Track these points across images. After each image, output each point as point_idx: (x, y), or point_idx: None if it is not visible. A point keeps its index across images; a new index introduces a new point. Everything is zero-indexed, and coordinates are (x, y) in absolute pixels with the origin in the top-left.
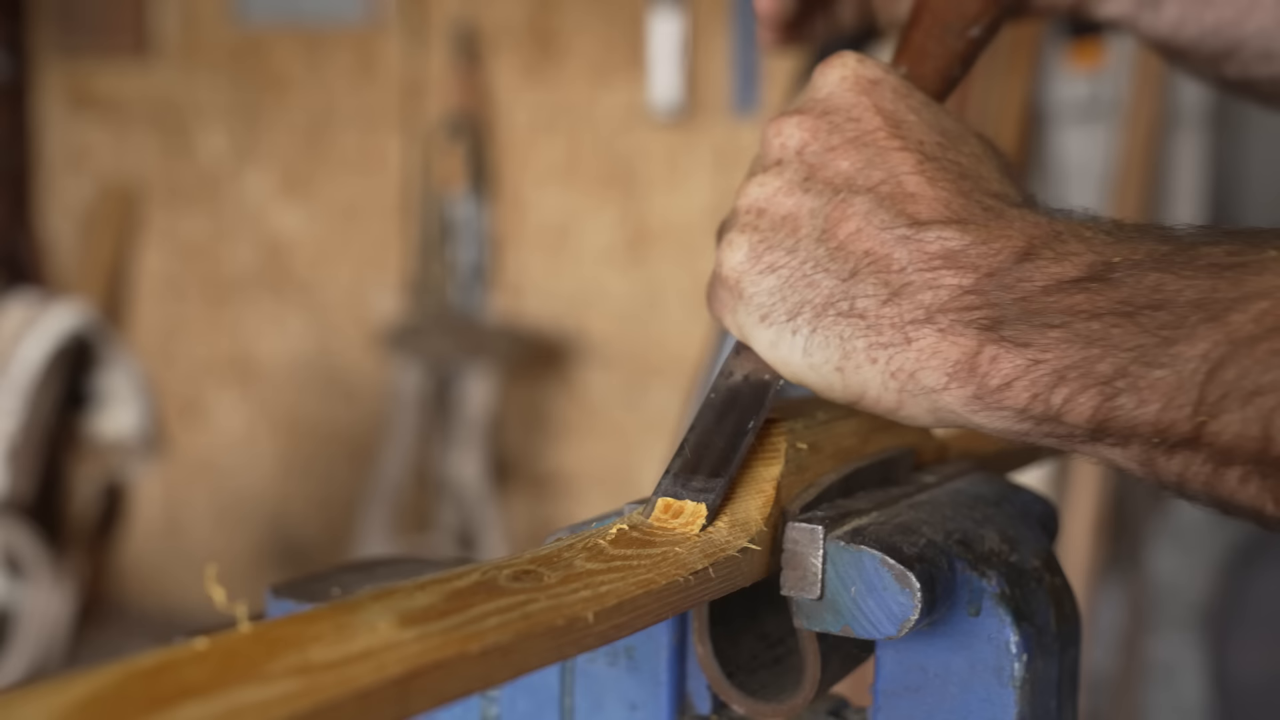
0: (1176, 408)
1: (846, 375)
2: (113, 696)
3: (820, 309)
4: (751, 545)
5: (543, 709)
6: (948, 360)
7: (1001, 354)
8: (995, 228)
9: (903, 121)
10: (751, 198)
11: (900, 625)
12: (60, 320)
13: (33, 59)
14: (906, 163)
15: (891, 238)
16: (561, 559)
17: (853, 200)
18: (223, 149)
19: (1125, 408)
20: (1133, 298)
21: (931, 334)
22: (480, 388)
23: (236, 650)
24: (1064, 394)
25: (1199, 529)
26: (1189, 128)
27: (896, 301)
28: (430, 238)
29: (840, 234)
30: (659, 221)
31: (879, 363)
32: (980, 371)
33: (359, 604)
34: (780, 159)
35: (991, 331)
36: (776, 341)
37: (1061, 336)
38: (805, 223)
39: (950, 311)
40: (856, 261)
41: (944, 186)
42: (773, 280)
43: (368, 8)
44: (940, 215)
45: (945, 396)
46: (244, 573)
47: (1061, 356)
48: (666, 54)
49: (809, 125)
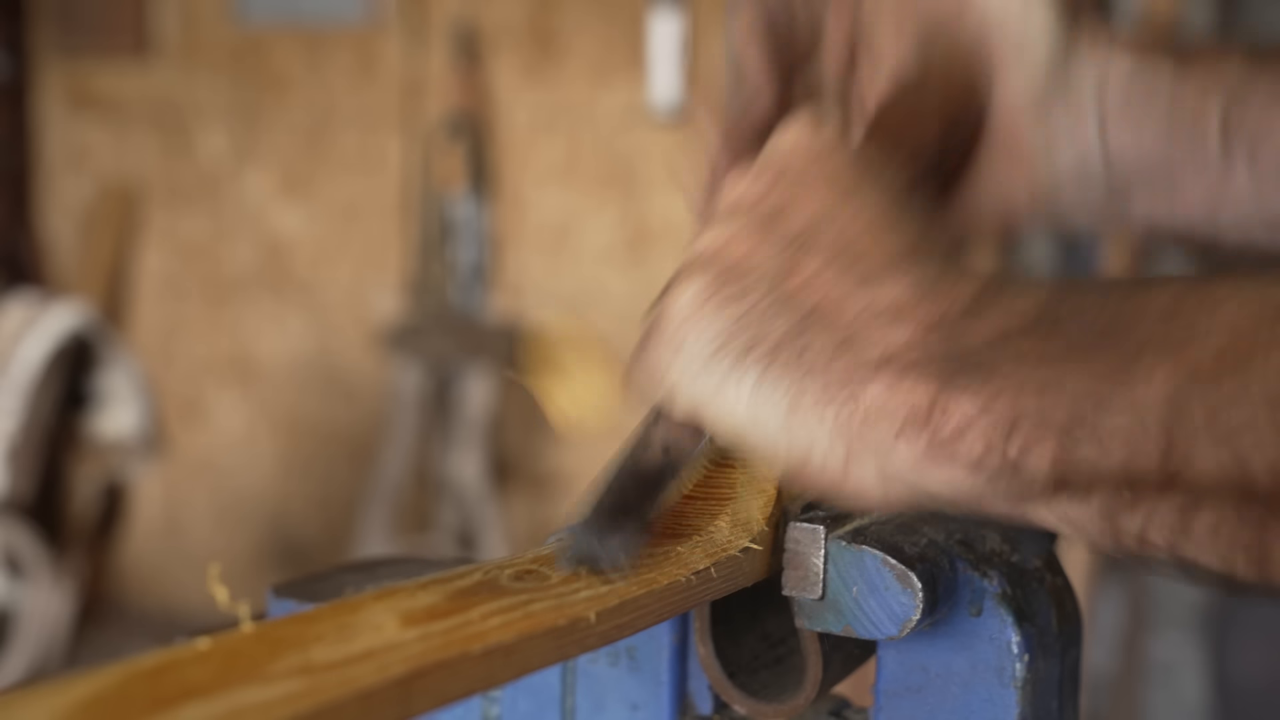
0: (1143, 453)
1: (793, 429)
2: (115, 697)
3: (771, 353)
4: (753, 545)
5: (544, 709)
6: (896, 415)
7: (952, 405)
8: (943, 283)
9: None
10: (705, 242)
11: (902, 625)
12: (60, 320)
13: (33, 59)
14: (864, 214)
15: (840, 293)
16: None
17: (804, 257)
18: (223, 149)
19: (1087, 457)
20: (1081, 341)
21: (880, 388)
22: (480, 388)
23: (239, 650)
24: (1019, 443)
25: None
26: None
27: (845, 354)
28: (430, 238)
29: (791, 285)
30: (659, 221)
31: (826, 421)
32: (932, 423)
33: (361, 604)
34: (734, 210)
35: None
36: (723, 383)
37: (1012, 384)
38: (761, 265)
39: (898, 363)
40: (808, 311)
41: (898, 241)
42: (722, 321)
43: (368, 8)
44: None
45: (896, 454)
46: (244, 573)
47: (1014, 403)
48: (666, 54)
49: (765, 181)
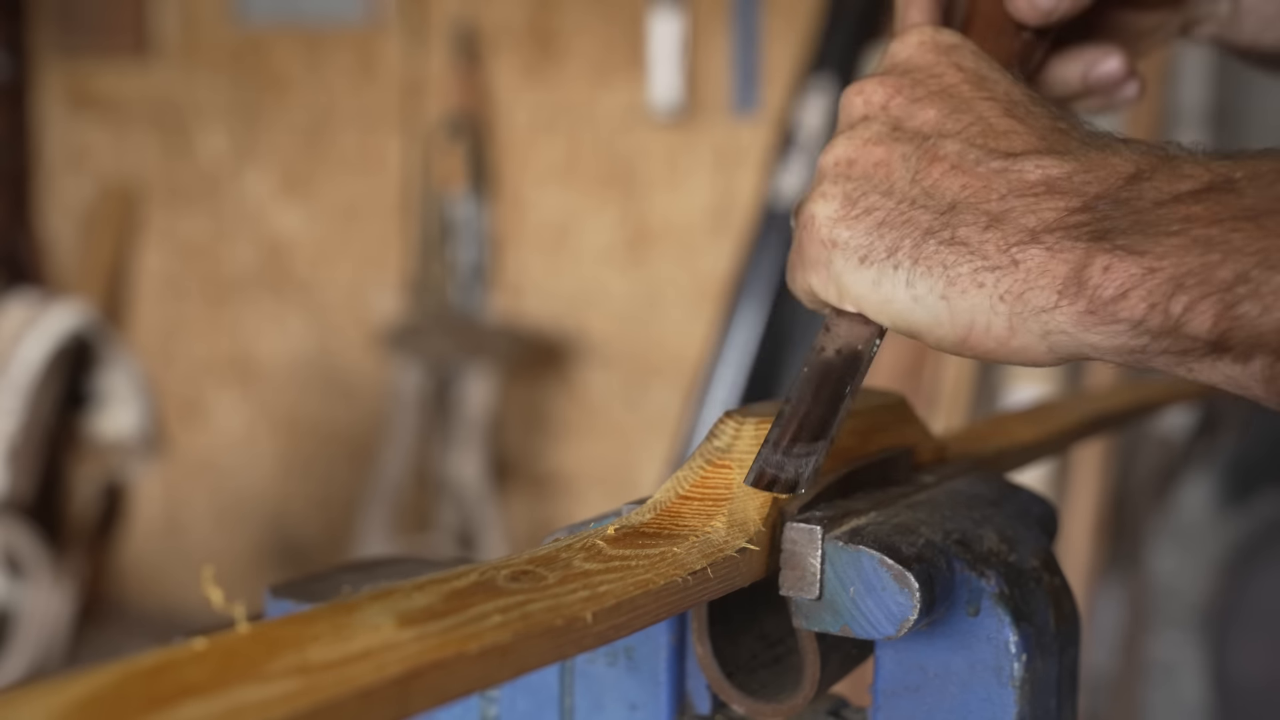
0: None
1: (953, 303)
2: (112, 696)
3: (920, 240)
4: (750, 545)
5: (542, 709)
6: (1057, 277)
7: (1115, 262)
8: (1098, 158)
9: (985, 77)
10: (838, 152)
11: (899, 625)
12: (60, 320)
13: (33, 59)
14: (994, 109)
15: (987, 170)
16: (560, 559)
17: (943, 143)
18: (223, 149)
19: (1249, 315)
20: (1257, 205)
21: (1039, 252)
22: (480, 388)
23: (236, 650)
24: (1183, 302)
25: (1199, 529)
26: (1189, 128)
27: (999, 226)
28: (430, 238)
29: (934, 173)
30: (659, 221)
31: (985, 286)
32: (1092, 284)
33: (358, 604)
34: (866, 115)
35: (1102, 241)
36: (879, 280)
37: (1178, 244)
38: (898, 167)
39: (1056, 230)
40: (954, 195)
41: (1036, 123)
42: (868, 221)
43: (368, 8)
44: (1035, 147)
45: (1057, 315)
46: (244, 573)
47: (1179, 263)
48: (666, 54)
49: (891, 83)
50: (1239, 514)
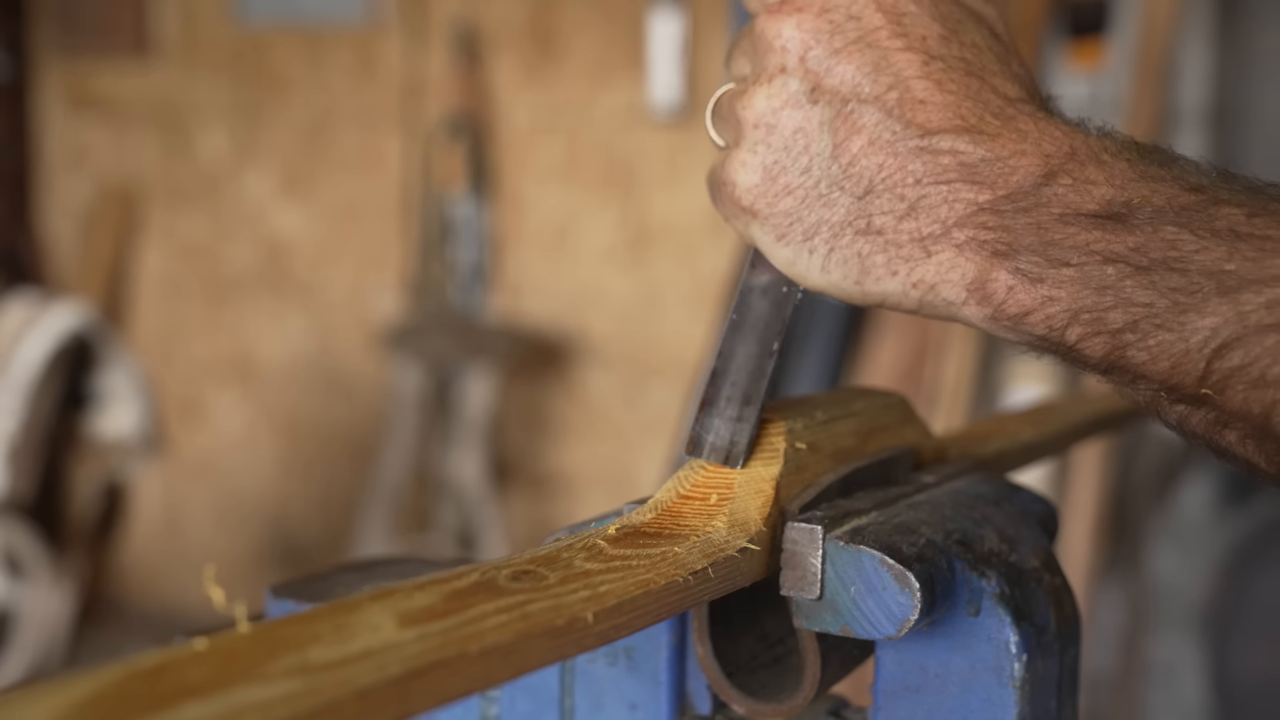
0: (1183, 372)
1: (866, 288)
2: (114, 696)
3: (838, 228)
4: (751, 545)
5: (543, 709)
6: (965, 276)
7: (1017, 285)
8: (1010, 140)
9: (904, 14)
10: (758, 111)
11: (900, 625)
12: (60, 320)
13: (33, 59)
14: (912, 64)
15: (905, 149)
16: (561, 559)
17: (861, 111)
18: (223, 149)
19: (1135, 359)
20: (1147, 247)
21: (949, 249)
22: (480, 388)
23: (237, 650)
24: (1077, 333)
25: (1199, 529)
26: (1189, 128)
27: (914, 216)
28: (430, 238)
29: (853, 148)
30: (659, 221)
31: (899, 275)
32: (997, 299)
33: (358, 604)
34: (783, 65)
35: (1007, 259)
36: (794, 260)
37: (1074, 276)
38: (815, 138)
39: (967, 227)
40: (871, 177)
41: (952, 89)
42: (788, 201)
43: (368, 8)
44: (952, 123)
45: (964, 310)
46: (244, 573)
47: (1074, 297)
48: (666, 54)
49: (809, 26)
50: (1239, 514)
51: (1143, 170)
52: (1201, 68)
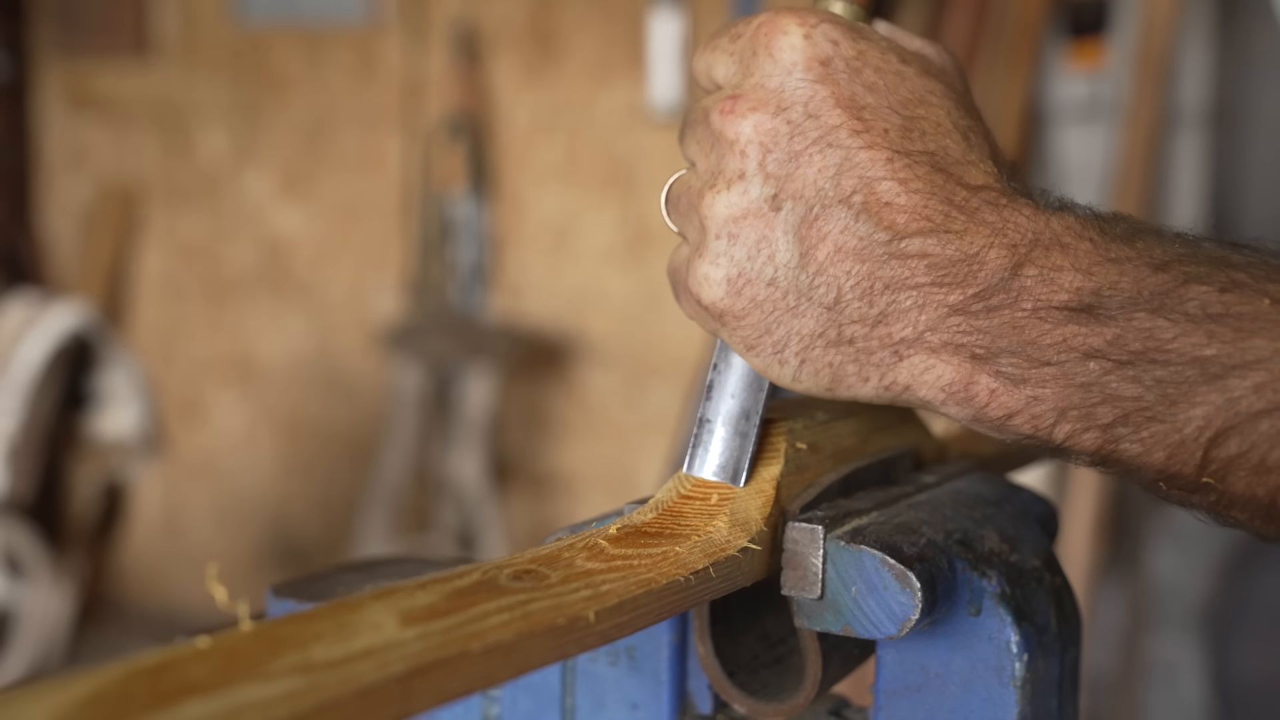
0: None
1: (838, 393)
2: (115, 695)
3: (808, 340)
4: (752, 545)
5: (544, 708)
6: (941, 378)
7: (999, 389)
8: (977, 235)
9: (864, 107)
10: (719, 220)
11: (901, 625)
12: (60, 320)
13: (33, 59)
14: (876, 163)
15: (873, 255)
16: (562, 558)
17: (826, 216)
18: (223, 149)
19: (1129, 453)
20: (1124, 339)
21: (922, 353)
22: (480, 388)
23: (238, 649)
24: (1066, 430)
25: (1199, 529)
26: (1189, 128)
27: (885, 322)
28: (430, 238)
29: (819, 256)
30: (659, 221)
31: (871, 381)
32: (979, 402)
33: (360, 603)
34: (742, 171)
35: (986, 363)
36: (766, 366)
37: (1057, 374)
38: (781, 247)
39: (940, 331)
40: (840, 285)
41: (918, 187)
42: (756, 315)
43: (368, 8)
44: (919, 225)
45: (945, 409)
46: (244, 573)
47: (1059, 396)
48: (666, 54)
49: (767, 128)
50: None
51: (1106, 251)
52: (1201, 68)
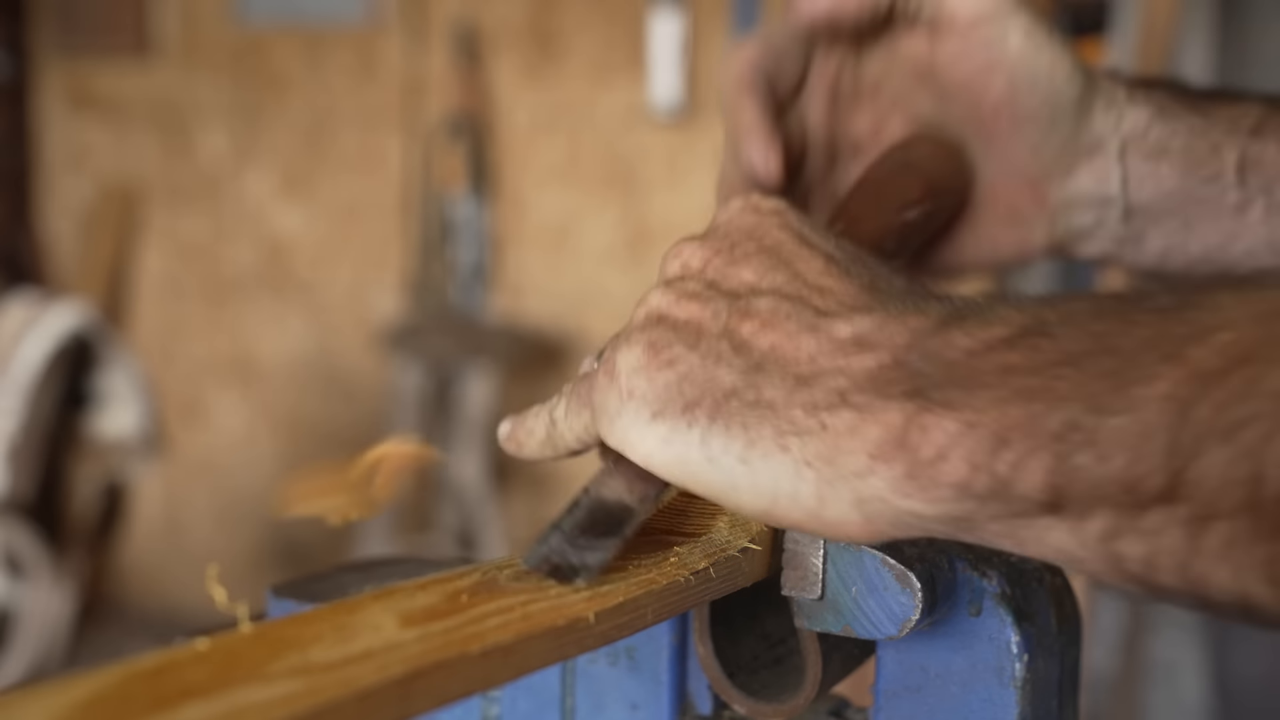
0: (1146, 457)
1: (753, 466)
2: (114, 697)
3: (722, 398)
4: (752, 545)
5: (544, 709)
6: (868, 440)
7: (930, 421)
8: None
9: (808, 237)
10: (651, 305)
11: (901, 625)
12: (60, 320)
13: (33, 59)
14: (813, 266)
15: (796, 328)
16: None
17: (756, 301)
18: (223, 149)
19: (1085, 467)
20: (1075, 348)
21: (849, 415)
22: (480, 388)
23: (238, 651)
24: (1009, 460)
25: None
26: None
27: (807, 388)
28: (430, 238)
29: (744, 331)
30: (659, 221)
31: (790, 450)
32: (910, 444)
33: (360, 604)
34: (682, 274)
35: (916, 398)
36: (670, 437)
37: (998, 395)
38: (709, 323)
39: (867, 390)
40: (761, 355)
41: (852, 282)
42: (669, 375)
43: (368, 8)
44: (848, 304)
45: (872, 481)
46: (244, 573)
47: (1001, 416)
48: (667, 54)
49: (712, 245)
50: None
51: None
52: (1201, 68)
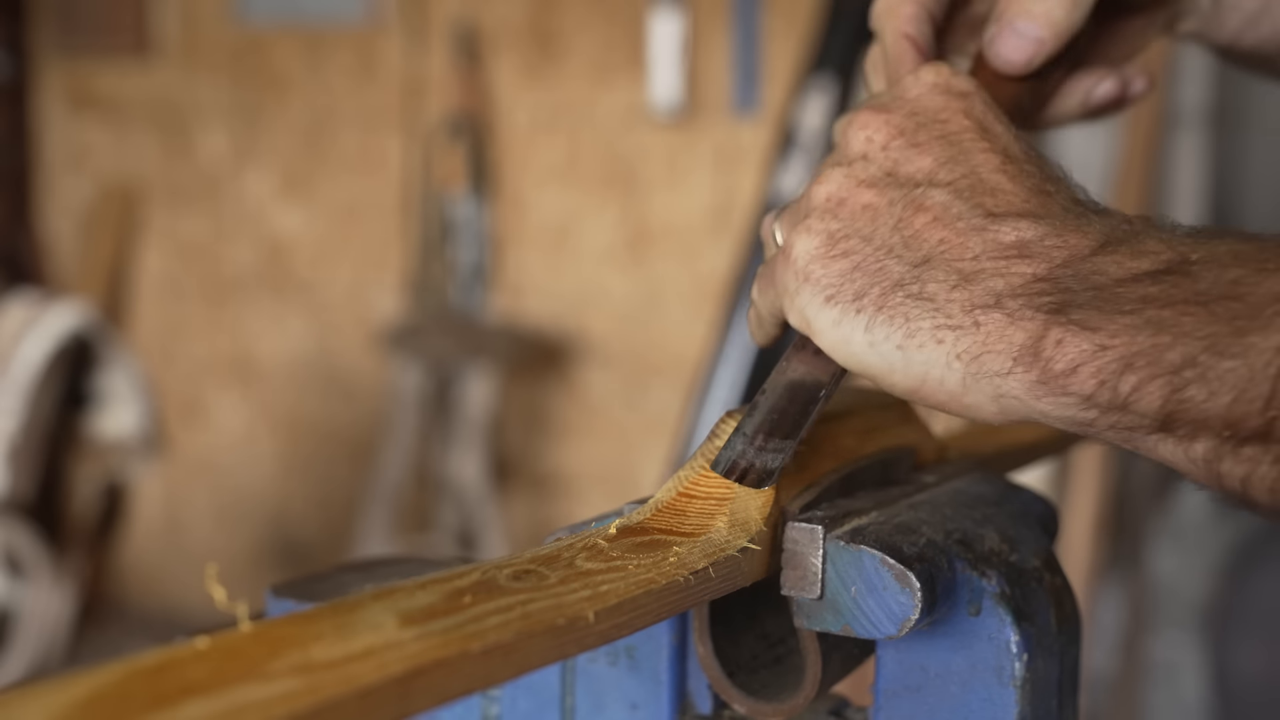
0: (1248, 401)
1: (909, 354)
2: (115, 695)
3: (888, 290)
4: (751, 545)
5: (544, 708)
6: (1013, 344)
7: (1067, 337)
8: (1072, 223)
9: (990, 128)
10: (832, 187)
11: (901, 625)
12: (60, 320)
13: (33, 59)
14: (990, 162)
15: (966, 226)
16: (562, 558)
17: (931, 193)
18: (223, 149)
19: (1195, 399)
20: (1209, 290)
21: (999, 317)
22: (480, 388)
23: (238, 649)
24: (1132, 382)
25: (1199, 529)
26: (1189, 128)
27: (966, 286)
28: (430, 238)
29: (916, 224)
30: (659, 221)
31: (945, 344)
32: (1045, 355)
33: (360, 603)
34: (865, 153)
35: (1059, 315)
36: (840, 320)
37: (1130, 323)
38: (884, 212)
39: (1020, 296)
40: (930, 249)
41: (1024, 183)
42: (844, 264)
43: (368, 8)
44: (1016, 208)
45: (1010, 381)
46: (244, 572)
47: (1130, 343)
48: (666, 54)
49: (896, 123)
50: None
51: (1205, 235)
52: (1201, 68)
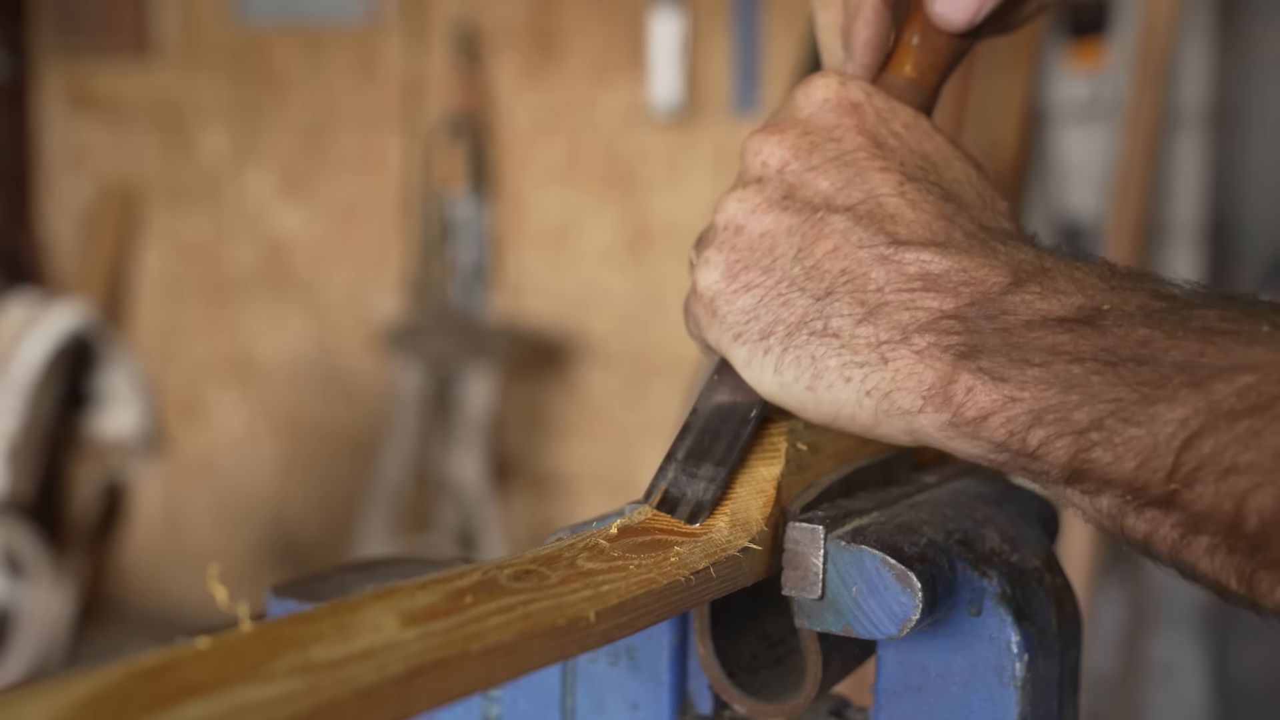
0: (1150, 470)
1: (819, 394)
2: (115, 695)
3: (793, 328)
4: (752, 545)
5: (544, 709)
6: (923, 383)
7: (978, 386)
8: (979, 256)
9: (885, 143)
10: (729, 214)
11: (901, 625)
12: (60, 320)
13: (33, 59)
14: (888, 183)
15: (869, 256)
16: (563, 558)
17: (830, 219)
18: (223, 149)
19: (1100, 460)
20: (1118, 348)
21: (908, 355)
22: (480, 388)
23: (238, 649)
24: (1040, 435)
25: None
26: (1189, 128)
27: (872, 321)
28: (430, 238)
29: (817, 252)
30: (659, 221)
31: (853, 381)
32: (956, 401)
33: (360, 603)
34: (760, 176)
35: (968, 360)
36: (749, 360)
37: (1040, 376)
38: (782, 241)
39: (928, 333)
40: (832, 280)
41: (925, 209)
42: (747, 299)
43: (368, 8)
44: (920, 237)
45: (921, 419)
46: (244, 572)
47: (1038, 397)
48: (667, 54)
49: (789, 143)
50: None
51: (1116, 282)
52: (1201, 68)
